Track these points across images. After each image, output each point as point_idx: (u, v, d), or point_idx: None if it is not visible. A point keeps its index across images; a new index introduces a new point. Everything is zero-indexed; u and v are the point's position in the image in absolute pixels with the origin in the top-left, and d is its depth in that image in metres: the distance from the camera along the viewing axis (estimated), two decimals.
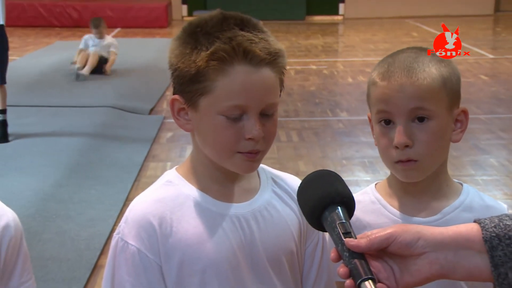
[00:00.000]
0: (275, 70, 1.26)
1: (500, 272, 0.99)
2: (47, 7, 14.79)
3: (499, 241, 0.99)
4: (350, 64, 10.45)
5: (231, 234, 1.29)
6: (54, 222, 4.26)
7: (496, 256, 0.99)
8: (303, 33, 13.88)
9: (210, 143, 1.28)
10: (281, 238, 1.33)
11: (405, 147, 1.39)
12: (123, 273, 1.27)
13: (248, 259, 1.30)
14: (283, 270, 1.33)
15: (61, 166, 5.31)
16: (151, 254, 1.26)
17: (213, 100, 1.24)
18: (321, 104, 7.59)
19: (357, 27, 15.22)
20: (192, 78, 1.24)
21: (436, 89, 1.41)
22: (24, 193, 4.67)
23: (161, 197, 1.31)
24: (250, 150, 1.25)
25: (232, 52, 1.22)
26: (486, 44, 12.39)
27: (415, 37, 13.36)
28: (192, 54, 1.24)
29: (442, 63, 1.45)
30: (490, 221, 1.02)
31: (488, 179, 5.14)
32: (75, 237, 4.05)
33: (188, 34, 1.27)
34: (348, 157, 5.67)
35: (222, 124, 1.24)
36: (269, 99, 1.26)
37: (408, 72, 1.40)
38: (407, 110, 1.40)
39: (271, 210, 1.34)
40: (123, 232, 1.29)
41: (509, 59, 10.59)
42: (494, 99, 7.73)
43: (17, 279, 1.35)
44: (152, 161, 5.57)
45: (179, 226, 1.28)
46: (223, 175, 1.32)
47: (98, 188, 4.85)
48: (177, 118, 1.32)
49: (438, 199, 1.48)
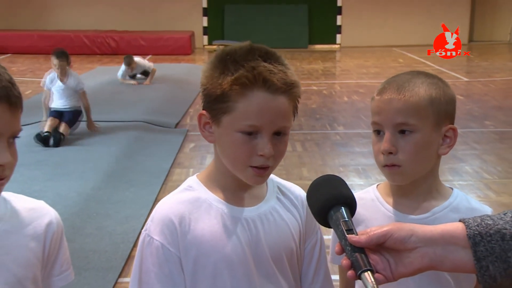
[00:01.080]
0: (289, 98, 1.26)
1: (482, 265, 0.99)
2: (90, 38, 14.89)
3: (481, 238, 0.99)
4: (346, 86, 10.43)
5: (240, 233, 1.29)
6: (94, 219, 4.27)
7: (479, 251, 0.99)
8: (306, 59, 13.88)
9: (228, 155, 1.28)
10: (282, 238, 1.33)
11: (389, 153, 1.39)
12: (148, 264, 1.27)
13: (254, 255, 1.30)
14: (284, 267, 1.34)
15: (100, 172, 5.33)
16: (172, 248, 1.27)
17: (233, 118, 1.24)
18: (321, 119, 7.58)
19: (352, 54, 15.21)
20: (218, 98, 1.25)
21: (422, 107, 1.40)
22: (69, 194, 4.69)
23: (182, 200, 1.31)
24: (260, 165, 1.25)
25: (253, 79, 1.22)
26: (462, 69, 12.38)
27: (401, 62, 13.36)
28: (220, 78, 1.24)
29: (434, 86, 1.43)
30: (473, 220, 1.02)
31: (464, 183, 5.13)
32: (112, 232, 4.06)
33: (219, 60, 1.27)
34: (345, 165, 5.66)
35: (239, 140, 1.24)
36: (281, 122, 1.25)
37: (399, 89, 1.40)
38: (394, 122, 1.39)
39: (275, 214, 1.34)
40: (149, 229, 1.29)
41: (481, 82, 10.59)
42: (469, 116, 7.71)
43: (58, 268, 1.35)
44: (177, 168, 5.57)
45: (196, 225, 1.28)
46: (236, 183, 1.31)
47: (131, 190, 4.86)
48: (202, 130, 1.31)
49: (428, 200, 1.48)
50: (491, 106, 8.37)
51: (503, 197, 4.79)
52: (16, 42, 14.90)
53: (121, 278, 3.48)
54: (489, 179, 5.24)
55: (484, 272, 0.99)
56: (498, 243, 0.98)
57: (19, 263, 1.24)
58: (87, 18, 16.34)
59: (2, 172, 1.17)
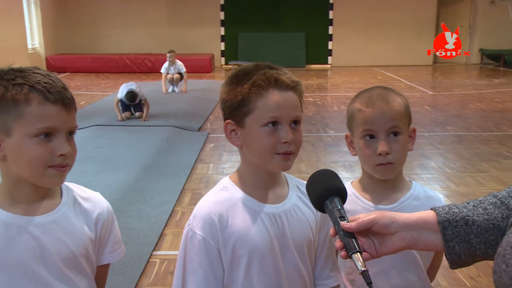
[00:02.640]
0: (297, 94, 1.24)
1: (449, 245, 0.98)
2: (131, 59, 14.91)
3: (449, 223, 0.99)
4: (336, 98, 10.40)
5: (269, 227, 1.25)
6: (134, 204, 4.27)
7: (447, 234, 0.98)
8: (304, 76, 13.86)
9: (256, 149, 1.23)
10: (303, 230, 1.30)
11: (386, 154, 1.38)
12: (192, 254, 1.24)
13: (281, 245, 1.26)
14: (304, 254, 1.30)
15: (139, 166, 5.34)
16: (212, 241, 1.23)
17: (255, 117, 1.21)
18: (316, 125, 7.57)
19: (340, 72, 15.19)
20: (239, 104, 1.22)
21: (403, 113, 1.41)
22: (114, 184, 4.71)
23: (219, 200, 1.27)
24: (285, 151, 1.22)
25: (267, 80, 1.20)
26: (428, 84, 12.34)
27: (379, 79, 13.32)
28: (238, 88, 1.22)
29: (401, 96, 1.44)
30: (442, 209, 1.02)
31: (430, 176, 5.10)
32: (148, 214, 4.06)
33: (234, 77, 1.25)
34: (335, 161, 5.64)
35: (264, 134, 1.21)
36: (295, 112, 1.23)
37: (387, 101, 1.40)
38: (387, 128, 1.39)
39: (297, 210, 1.30)
40: (192, 225, 1.26)
41: (444, 95, 10.53)
42: (434, 122, 7.69)
43: (110, 247, 1.34)
44: (200, 163, 5.56)
45: (232, 221, 1.24)
46: (263, 182, 1.28)
47: (163, 181, 4.86)
48: (229, 137, 1.27)
49: (395, 192, 1.47)
50: (451, 115, 8.33)
51: (460, 187, 4.77)
52: (74, 63, 14.98)
53: (154, 251, 3.47)
54: (450, 173, 5.22)
55: (451, 251, 0.98)
56: (462, 227, 0.98)
57: (75, 242, 1.23)
58: (129, 43, 16.42)
59: (64, 161, 1.16)
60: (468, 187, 4.78)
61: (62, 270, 1.21)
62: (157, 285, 3.05)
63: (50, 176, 1.16)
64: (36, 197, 1.21)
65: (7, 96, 1.12)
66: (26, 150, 1.13)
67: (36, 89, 1.13)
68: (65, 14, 16.35)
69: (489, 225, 0.97)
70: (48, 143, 1.14)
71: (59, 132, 1.15)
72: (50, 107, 1.13)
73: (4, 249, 1.16)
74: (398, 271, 1.46)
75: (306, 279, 1.31)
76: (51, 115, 1.14)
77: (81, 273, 1.25)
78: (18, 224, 1.18)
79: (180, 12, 16.52)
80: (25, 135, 1.13)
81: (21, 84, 1.13)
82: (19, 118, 1.12)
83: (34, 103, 1.12)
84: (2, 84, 1.13)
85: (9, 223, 1.17)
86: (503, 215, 0.97)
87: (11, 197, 1.19)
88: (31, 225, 1.19)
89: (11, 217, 1.18)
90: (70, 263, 1.22)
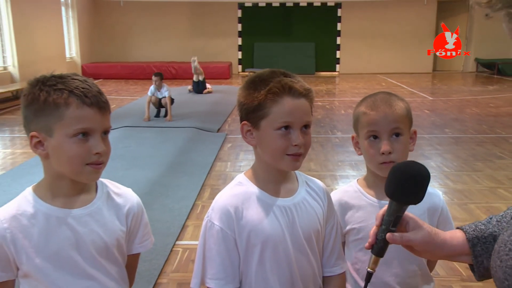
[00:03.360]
0: (308, 100, 1.23)
1: (478, 260, 0.96)
2: (157, 66, 14.97)
3: (478, 240, 0.96)
4: (343, 102, 10.35)
5: (280, 218, 1.25)
6: (159, 198, 4.29)
7: (476, 251, 0.96)
8: (313, 82, 13.83)
9: (268, 150, 1.23)
10: (312, 222, 1.29)
11: (389, 153, 1.38)
12: (210, 243, 1.24)
13: (291, 235, 1.26)
14: (312, 243, 1.30)
15: (163, 164, 5.36)
16: (229, 230, 1.23)
17: (270, 121, 1.21)
18: (325, 127, 7.54)
19: (347, 79, 15.12)
20: (255, 108, 1.21)
21: (404, 116, 1.40)
22: (142, 180, 4.73)
23: (235, 193, 1.27)
24: (295, 153, 1.21)
25: (281, 88, 1.19)
26: (428, 91, 12.22)
27: (383, 85, 13.22)
28: (254, 93, 1.21)
29: (403, 101, 1.44)
30: (469, 227, 0.99)
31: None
32: (171, 207, 4.07)
33: (251, 82, 1.25)
34: (342, 160, 5.61)
35: (277, 136, 1.21)
36: (306, 118, 1.23)
37: (389, 105, 1.39)
38: (389, 129, 1.38)
39: (305, 203, 1.30)
40: (210, 216, 1.26)
41: (442, 100, 10.42)
42: (433, 125, 7.62)
43: (139, 238, 1.35)
44: (218, 162, 5.57)
45: (247, 213, 1.24)
46: (275, 178, 1.28)
47: (185, 178, 4.87)
48: (245, 137, 1.27)
49: None
50: (449, 118, 8.25)
51: (457, 185, 4.72)
52: (106, 70, 15.11)
53: (177, 241, 3.48)
54: (447, 171, 5.16)
55: (480, 265, 0.96)
56: (491, 243, 0.95)
57: (108, 233, 1.24)
58: (155, 53, 16.52)
59: (99, 159, 1.18)
60: (465, 184, 4.73)
61: (96, 258, 1.22)
62: (179, 272, 3.06)
63: (87, 172, 1.17)
64: (74, 192, 1.22)
65: (49, 101, 1.13)
66: (66, 149, 1.15)
67: (74, 93, 1.14)
68: (98, 27, 16.52)
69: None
70: (85, 143, 1.15)
71: (95, 132, 1.17)
72: (86, 109, 1.15)
73: (45, 238, 1.18)
74: (399, 261, 1.45)
75: (315, 266, 1.31)
76: (88, 117, 1.15)
77: (113, 262, 1.26)
78: (58, 215, 1.19)
79: (201, 25, 16.58)
80: (65, 135, 1.14)
81: (61, 89, 1.14)
82: (59, 120, 1.14)
83: (72, 106, 1.14)
84: (45, 90, 1.14)
85: (50, 214, 1.19)
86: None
87: (52, 191, 1.21)
88: (69, 217, 1.20)
89: (52, 209, 1.19)
90: (103, 252, 1.23)
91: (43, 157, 1.18)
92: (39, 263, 1.17)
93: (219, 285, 1.23)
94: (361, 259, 1.49)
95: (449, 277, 2.95)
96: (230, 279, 1.24)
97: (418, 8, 16.49)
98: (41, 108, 1.14)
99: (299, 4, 16.59)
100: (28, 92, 1.16)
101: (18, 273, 1.20)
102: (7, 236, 1.15)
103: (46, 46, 12.55)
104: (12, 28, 11.05)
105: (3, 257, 1.16)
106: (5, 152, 6.16)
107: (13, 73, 11.29)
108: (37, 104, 1.14)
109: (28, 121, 1.17)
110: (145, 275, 2.94)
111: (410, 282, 1.46)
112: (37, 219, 1.18)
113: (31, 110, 1.15)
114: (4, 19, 11.00)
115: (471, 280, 2.87)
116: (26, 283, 1.21)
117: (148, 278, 2.92)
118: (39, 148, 1.17)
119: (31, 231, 1.17)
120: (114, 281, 1.26)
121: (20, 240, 1.16)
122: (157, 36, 16.62)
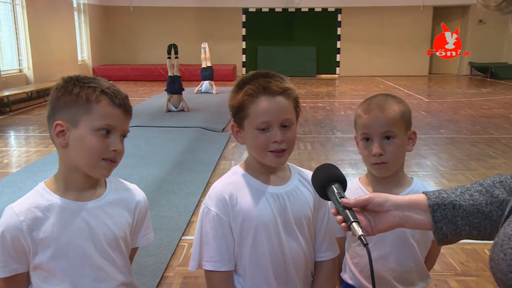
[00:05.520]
0: (286, 98, 1.23)
1: (437, 226, 0.96)
2: (164, 69, 14.75)
3: (438, 207, 0.97)
4: (343, 103, 10.32)
5: (273, 205, 1.27)
6: (165, 195, 4.29)
7: (436, 216, 0.96)
8: (314, 84, 13.81)
9: (252, 147, 1.27)
10: (303, 208, 1.31)
11: (379, 155, 1.38)
12: (207, 227, 1.27)
13: (283, 220, 1.28)
14: (303, 228, 1.31)
15: (170, 162, 5.35)
16: (224, 216, 1.25)
17: (250, 121, 1.24)
18: (325, 127, 7.52)
19: (347, 81, 15.10)
20: (238, 109, 1.25)
21: (397, 119, 1.39)
22: (149, 177, 4.73)
23: (230, 182, 1.30)
24: (275, 149, 1.23)
25: (256, 89, 1.22)
26: (424, 93, 12.18)
27: (381, 87, 13.19)
28: (237, 95, 1.25)
29: (401, 103, 1.43)
30: (433, 193, 0.99)
31: (425, 173, 5.04)
32: (177, 204, 4.07)
33: (236, 85, 1.28)
34: (342, 159, 5.59)
35: (257, 135, 1.23)
36: (284, 115, 1.23)
37: (381, 109, 1.39)
38: (380, 132, 1.38)
39: (297, 191, 1.31)
40: (207, 203, 1.28)
41: (438, 102, 10.39)
42: (429, 126, 7.60)
43: (143, 232, 1.36)
44: (223, 160, 5.57)
45: (241, 199, 1.26)
46: (267, 168, 1.30)
47: (190, 175, 4.86)
48: (235, 136, 1.31)
49: (397, 187, 1.45)
50: (444, 119, 8.22)
51: (452, 183, 4.69)
52: (115, 72, 15.11)
53: (183, 236, 3.48)
54: (443, 170, 5.15)
55: (439, 231, 0.96)
56: (450, 211, 0.96)
57: (117, 226, 1.25)
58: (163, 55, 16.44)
59: (115, 157, 1.21)
60: (459, 183, 4.70)
61: (106, 250, 1.23)
62: (185, 266, 3.05)
63: (102, 167, 1.19)
64: (86, 186, 1.23)
65: (81, 94, 1.17)
66: (87, 141, 1.17)
67: (105, 93, 1.18)
68: (109, 32, 16.54)
69: (474, 210, 0.95)
70: (106, 139, 1.18)
71: (116, 131, 1.20)
72: (114, 109, 1.18)
73: (59, 229, 1.19)
74: (396, 257, 1.44)
75: (306, 250, 1.32)
76: (114, 115, 1.18)
77: (120, 253, 1.27)
78: (71, 208, 1.21)
79: (207, 29, 16.58)
80: (89, 128, 1.17)
81: (94, 87, 1.18)
82: (87, 114, 1.16)
83: (103, 103, 1.17)
84: (79, 85, 1.18)
85: (64, 207, 1.20)
86: (487, 202, 0.96)
87: (65, 184, 1.22)
88: (81, 209, 1.21)
89: (66, 202, 1.21)
90: (112, 244, 1.24)
91: (61, 147, 1.20)
92: (52, 254, 1.18)
93: (215, 267, 1.26)
94: (360, 253, 1.49)
95: (444, 271, 2.93)
96: (225, 262, 1.27)
97: (415, 14, 16.47)
98: (72, 100, 1.16)
99: (300, 9, 16.59)
100: (61, 85, 1.19)
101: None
102: (23, 228, 1.16)
103: (60, 50, 12.59)
104: (28, 32, 11.11)
105: (19, 249, 1.17)
106: (20, 150, 6.17)
107: (28, 75, 11.33)
108: (69, 96, 1.17)
109: (55, 112, 1.19)
110: (152, 269, 2.94)
111: (406, 278, 1.46)
112: (51, 212, 1.19)
113: (61, 101, 1.18)
114: (20, 25, 11.07)
115: (465, 275, 2.86)
116: (36, 275, 1.21)
117: (155, 272, 2.92)
118: (61, 137, 1.19)
119: (46, 223, 1.18)
120: (121, 272, 1.27)
121: (36, 232, 1.17)
122: (165, 40, 16.55)
